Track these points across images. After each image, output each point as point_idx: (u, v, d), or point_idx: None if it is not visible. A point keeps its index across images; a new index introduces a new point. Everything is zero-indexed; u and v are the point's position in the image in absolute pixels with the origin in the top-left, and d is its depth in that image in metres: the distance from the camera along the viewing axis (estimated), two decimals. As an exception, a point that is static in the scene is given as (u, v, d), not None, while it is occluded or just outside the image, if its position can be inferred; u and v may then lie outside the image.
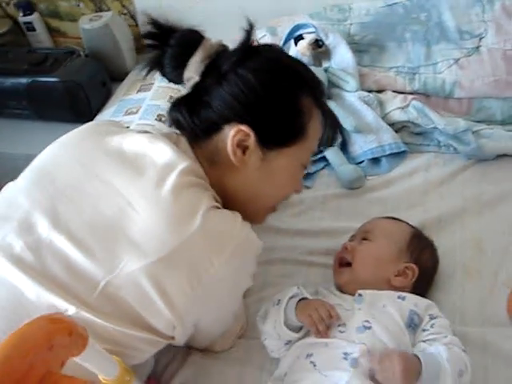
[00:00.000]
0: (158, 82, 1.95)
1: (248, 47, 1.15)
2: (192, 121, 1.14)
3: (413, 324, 1.19)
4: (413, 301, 1.23)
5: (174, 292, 1.01)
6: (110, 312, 1.01)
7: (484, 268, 1.41)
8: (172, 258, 1.00)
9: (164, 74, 1.17)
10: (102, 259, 1.02)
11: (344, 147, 1.72)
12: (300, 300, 1.22)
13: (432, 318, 1.21)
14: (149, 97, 1.93)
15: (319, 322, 1.16)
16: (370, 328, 1.17)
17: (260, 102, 1.10)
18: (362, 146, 1.68)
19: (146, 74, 1.17)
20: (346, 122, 1.67)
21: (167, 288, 1.00)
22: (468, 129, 1.63)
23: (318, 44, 1.76)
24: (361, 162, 1.69)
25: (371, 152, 1.67)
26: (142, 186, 1.06)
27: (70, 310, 0.99)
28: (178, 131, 1.18)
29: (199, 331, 1.15)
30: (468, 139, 1.62)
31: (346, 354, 1.13)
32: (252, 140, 1.10)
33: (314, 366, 1.14)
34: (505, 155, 1.63)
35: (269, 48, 1.21)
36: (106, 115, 1.97)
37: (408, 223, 1.40)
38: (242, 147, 1.11)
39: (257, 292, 1.43)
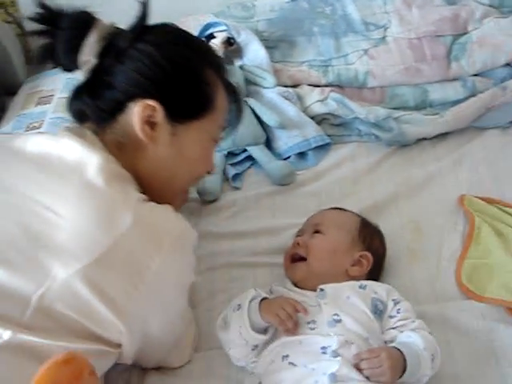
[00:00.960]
0: (59, 93, 1.81)
1: (144, 24, 1.10)
2: (96, 105, 1.08)
3: (378, 311, 1.19)
4: (373, 288, 1.23)
5: (116, 293, 0.95)
6: (50, 328, 0.94)
7: (427, 248, 1.44)
8: (108, 257, 0.94)
9: (57, 61, 1.10)
10: (27, 272, 0.93)
11: (268, 144, 1.69)
12: (261, 301, 1.17)
13: (396, 302, 1.21)
14: (50, 109, 1.79)
15: (287, 319, 1.13)
16: (340, 321, 1.15)
17: (165, 75, 1.07)
18: (286, 141, 1.66)
19: (39, 63, 1.13)
20: (270, 118, 1.65)
21: (107, 290, 0.94)
22: (389, 116, 1.67)
23: (229, 42, 1.73)
24: (287, 158, 1.67)
25: (297, 146, 1.66)
26: (58, 187, 0.99)
27: (5, 334, 0.90)
28: (78, 125, 1.12)
29: (149, 341, 1.07)
30: (390, 126, 1.66)
31: (323, 348, 1.11)
32: (160, 114, 1.06)
33: (294, 365, 1.10)
34: (423, 139, 1.69)
35: (165, 24, 1.16)
36: (4, 132, 1.79)
37: (353, 212, 1.40)
38: (150, 124, 1.06)
39: (205, 301, 1.37)
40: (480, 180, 1.57)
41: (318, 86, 1.76)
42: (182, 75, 1.08)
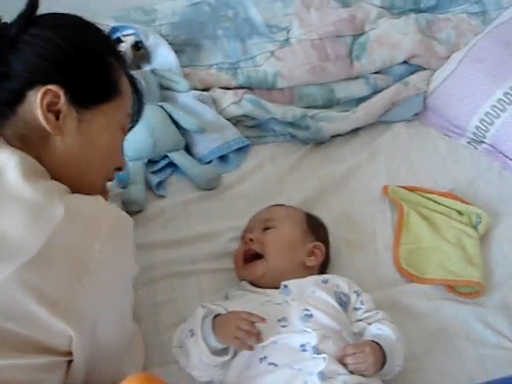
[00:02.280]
0: None
1: (34, 12, 1.02)
2: None
3: (343, 303, 1.21)
4: (334, 281, 1.25)
5: (58, 293, 0.88)
6: None
7: (362, 238, 1.50)
8: (44, 255, 0.87)
9: None
10: None
11: (187, 149, 1.64)
12: (213, 318, 1.12)
13: (358, 294, 1.25)
14: None
15: (248, 337, 1.07)
16: (311, 316, 1.15)
17: (64, 56, 0.99)
18: (207, 145, 1.63)
19: None
20: (188, 122, 1.60)
21: (48, 291, 0.87)
22: (305, 114, 1.69)
23: (137, 46, 1.66)
24: (208, 162, 1.63)
25: (218, 150, 1.63)
26: None
27: None
28: None
29: (99, 347, 0.98)
30: (307, 124, 1.69)
31: (302, 345, 1.10)
32: (63, 100, 0.98)
33: (276, 365, 1.08)
34: (337, 135, 1.74)
35: (55, 13, 1.08)
36: None
37: (293, 206, 1.40)
38: (54, 112, 0.98)
39: (151, 316, 1.31)
40: (396, 171, 1.66)
41: (229, 89, 1.75)
42: (83, 56, 1.01)
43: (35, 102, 0.97)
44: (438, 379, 1.23)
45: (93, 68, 1.03)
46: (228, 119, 1.69)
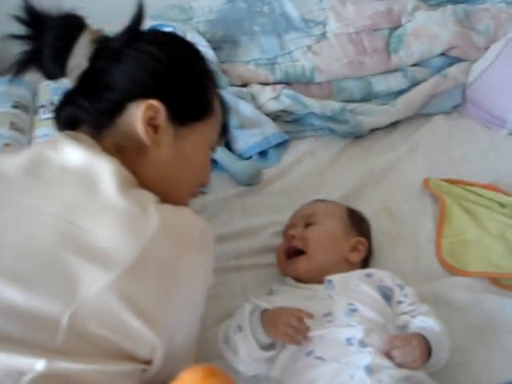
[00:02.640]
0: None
1: (139, 26, 1.06)
2: (94, 108, 1.01)
3: (386, 297, 1.22)
4: (378, 276, 1.25)
5: (149, 304, 0.89)
6: (84, 351, 0.86)
7: (404, 231, 1.49)
8: (139, 265, 0.87)
9: (42, 67, 1.02)
10: (52, 290, 0.85)
11: (227, 145, 1.65)
12: (261, 313, 1.13)
13: (401, 288, 1.25)
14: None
15: (298, 333, 1.09)
16: (356, 310, 1.15)
17: (167, 72, 1.02)
18: (246, 141, 1.64)
19: (18, 72, 1.02)
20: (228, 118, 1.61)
21: (140, 301, 0.88)
22: (344, 108, 1.69)
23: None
24: (248, 158, 1.65)
25: (258, 145, 1.64)
26: (69, 198, 0.91)
27: (39, 364, 0.82)
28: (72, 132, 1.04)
29: (172, 352, 0.98)
30: (346, 118, 1.69)
31: (348, 339, 1.11)
32: (163, 116, 1.00)
33: (323, 360, 1.09)
34: (376, 129, 1.74)
35: (159, 30, 1.16)
36: None
37: (334, 201, 1.41)
38: (153, 126, 1.01)
39: None
40: (437, 163, 1.65)
41: (267, 84, 1.76)
42: (184, 74, 1.04)
43: (136, 115, 0.99)
44: (483, 373, 1.22)
45: (192, 87, 1.06)
46: (267, 114, 1.70)
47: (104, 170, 0.93)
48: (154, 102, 0.99)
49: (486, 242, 1.42)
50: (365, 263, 1.33)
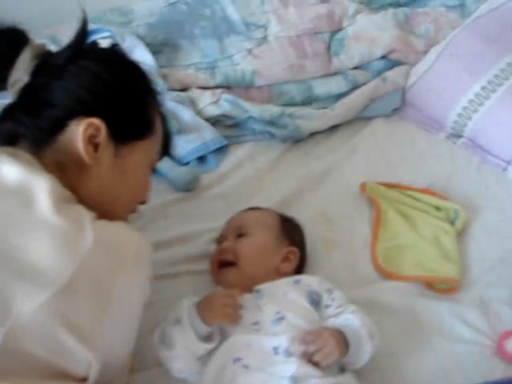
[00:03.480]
0: None
1: (82, 42, 1.05)
2: (34, 124, 1.00)
3: (315, 302, 1.22)
4: (306, 281, 1.25)
5: (84, 321, 0.89)
6: (13, 370, 0.85)
7: (339, 237, 1.50)
8: (73, 284, 0.87)
9: None
10: None
11: (166, 151, 1.64)
12: (196, 304, 1.14)
13: (330, 292, 1.25)
14: None
15: (236, 312, 1.12)
16: (283, 318, 1.15)
17: (108, 90, 1.03)
18: (184, 146, 1.62)
19: None
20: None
21: (75, 319, 0.87)
22: (282, 113, 1.69)
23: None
24: (187, 163, 1.63)
25: (196, 150, 1.62)
26: (2, 215, 0.90)
27: None
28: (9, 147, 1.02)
29: (109, 365, 0.98)
30: (284, 123, 1.68)
31: (275, 348, 1.11)
32: (103, 134, 1.00)
33: (247, 368, 1.09)
34: (316, 132, 1.73)
35: (102, 47, 1.14)
36: None
37: (269, 209, 1.41)
38: (93, 144, 1.00)
39: None
40: (375, 167, 1.66)
41: (207, 88, 1.75)
42: (126, 92, 1.04)
43: (76, 133, 0.98)
44: (414, 376, 1.24)
45: (134, 105, 1.06)
46: (206, 119, 1.69)
47: (40, 187, 0.92)
48: (95, 121, 0.99)
49: (420, 246, 1.43)
50: (298, 270, 1.32)
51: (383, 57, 1.84)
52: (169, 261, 1.41)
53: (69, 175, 1.00)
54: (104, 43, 1.62)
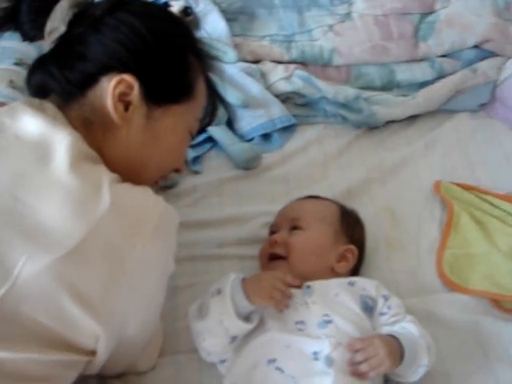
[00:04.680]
0: (-6, 63, 1.61)
1: None
2: (64, 76, 0.94)
3: (368, 308, 1.11)
4: (361, 285, 1.14)
5: (93, 291, 0.83)
6: (12, 337, 0.81)
7: (404, 237, 1.37)
8: (83, 248, 0.81)
9: (19, 27, 0.96)
10: None
11: (229, 124, 1.56)
12: (243, 279, 1.07)
13: (386, 299, 1.13)
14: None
15: (283, 297, 1.04)
16: (331, 321, 1.05)
17: (146, 47, 0.95)
18: (250, 121, 1.54)
19: None
20: (232, 96, 1.52)
21: (82, 288, 0.82)
22: (358, 96, 1.57)
23: (186, 12, 1.58)
24: (250, 139, 1.55)
25: (262, 127, 1.54)
26: (17, 170, 0.85)
27: None
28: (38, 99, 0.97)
29: (122, 344, 0.94)
30: (359, 107, 1.57)
31: (315, 353, 1.01)
32: (136, 92, 0.93)
33: (282, 372, 1.00)
34: (392, 121, 1.61)
35: (144, 1, 1.09)
36: None
37: (330, 199, 1.30)
38: (124, 103, 0.94)
39: (168, 299, 1.18)
40: (453, 165, 1.52)
41: (281, 63, 1.65)
42: (165, 51, 0.96)
43: (107, 89, 0.93)
44: (469, 402, 1.12)
45: (173, 65, 0.99)
46: (276, 95, 1.60)
47: (60, 141, 0.87)
48: (128, 77, 0.92)
49: (493, 258, 1.28)
50: (354, 270, 1.22)
51: (476, 46, 1.69)
52: (217, 241, 1.34)
53: (95, 134, 0.94)
54: (176, 5, 1.57)
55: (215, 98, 1.13)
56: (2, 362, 0.79)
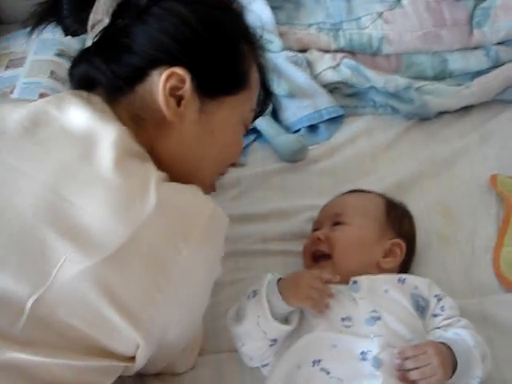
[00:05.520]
0: (32, 55, 1.59)
1: None
2: (110, 70, 0.90)
3: (420, 308, 1.05)
4: (413, 283, 1.08)
5: (134, 298, 0.78)
6: (49, 342, 0.77)
7: (458, 233, 1.31)
8: (125, 253, 0.76)
9: (61, 22, 0.93)
10: (23, 271, 0.76)
11: (274, 115, 1.51)
12: (279, 280, 1.02)
13: (439, 299, 1.07)
14: (23, 74, 1.56)
15: (322, 297, 0.99)
16: (379, 318, 1.00)
17: (196, 37, 0.90)
18: (295, 112, 1.49)
19: (36, 26, 0.93)
20: (277, 86, 1.48)
21: (123, 294, 0.77)
22: (409, 86, 1.51)
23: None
24: (296, 131, 1.50)
25: (308, 119, 1.49)
26: (61, 164, 0.80)
27: None
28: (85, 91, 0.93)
29: (164, 347, 0.90)
30: (410, 97, 1.50)
31: (363, 353, 0.96)
32: (188, 86, 0.88)
33: (328, 373, 0.95)
34: (445, 112, 1.53)
35: None
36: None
37: (375, 192, 1.25)
38: (176, 97, 0.89)
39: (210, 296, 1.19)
40: (510, 158, 1.43)
41: (328, 52, 1.59)
42: (216, 40, 0.91)
43: (158, 84, 0.89)
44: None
45: (225, 55, 0.94)
46: (323, 85, 1.54)
47: (106, 136, 0.82)
48: (179, 70, 0.88)
49: (555, 256, 1.21)
50: (403, 267, 1.16)
51: (534, 33, 1.59)
52: (260, 236, 1.29)
53: (146, 131, 0.89)
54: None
55: (268, 87, 1.08)
56: (38, 368, 0.76)
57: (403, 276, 1.09)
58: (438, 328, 1.03)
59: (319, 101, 1.50)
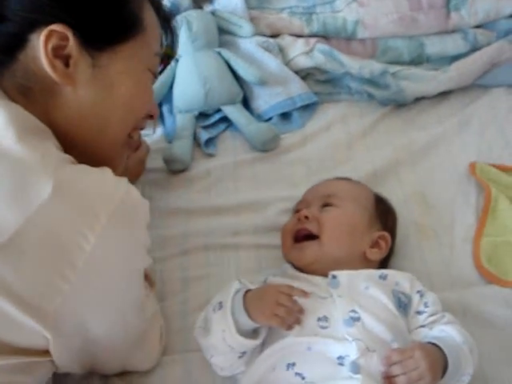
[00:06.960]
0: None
1: None
2: None
3: (402, 305, 1.00)
4: (394, 278, 1.03)
5: (34, 290, 0.73)
6: None
7: (437, 224, 1.26)
8: (18, 241, 0.70)
9: None
10: None
11: (246, 103, 1.46)
12: (245, 293, 0.95)
13: (421, 295, 1.02)
14: None
15: (289, 314, 0.91)
16: (359, 319, 0.94)
17: None
18: (267, 100, 1.43)
19: None
20: (248, 73, 1.42)
21: (20, 287, 0.72)
22: (385, 71, 1.45)
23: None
24: (268, 119, 1.44)
25: (280, 106, 1.43)
26: None
27: None
28: None
29: (95, 344, 0.85)
30: (386, 83, 1.45)
31: (340, 357, 0.90)
32: (72, 42, 0.82)
33: (303, 378, 0.89)
34: (422, 98, 1.48)
35: None
36: None
37: (364, 184, 1.20)
38: (63, 58, 0.82)
39: (178, 292, 1.16)
40: (489, 145, 1.39)
41: (301, 37, 1.53)
42: None
43: (38, 47, 0.80)
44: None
45: (107, 1, 0.86)
46: (296, 72, 1.49)
47: None
48: (57, 27, 0.81)
49: (536, 247, 1.17)
50: (384, 262, 1.11)
51: (512, 15, 1.55)
52: (231, 229, 1.24)
53: (38, 102, 0.83)
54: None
55: (171, 25, 1.00)
56: None
57: (385, 272, 1.03)
58: (423, 326, 0.98)
59: (292, 87, 1.44)
